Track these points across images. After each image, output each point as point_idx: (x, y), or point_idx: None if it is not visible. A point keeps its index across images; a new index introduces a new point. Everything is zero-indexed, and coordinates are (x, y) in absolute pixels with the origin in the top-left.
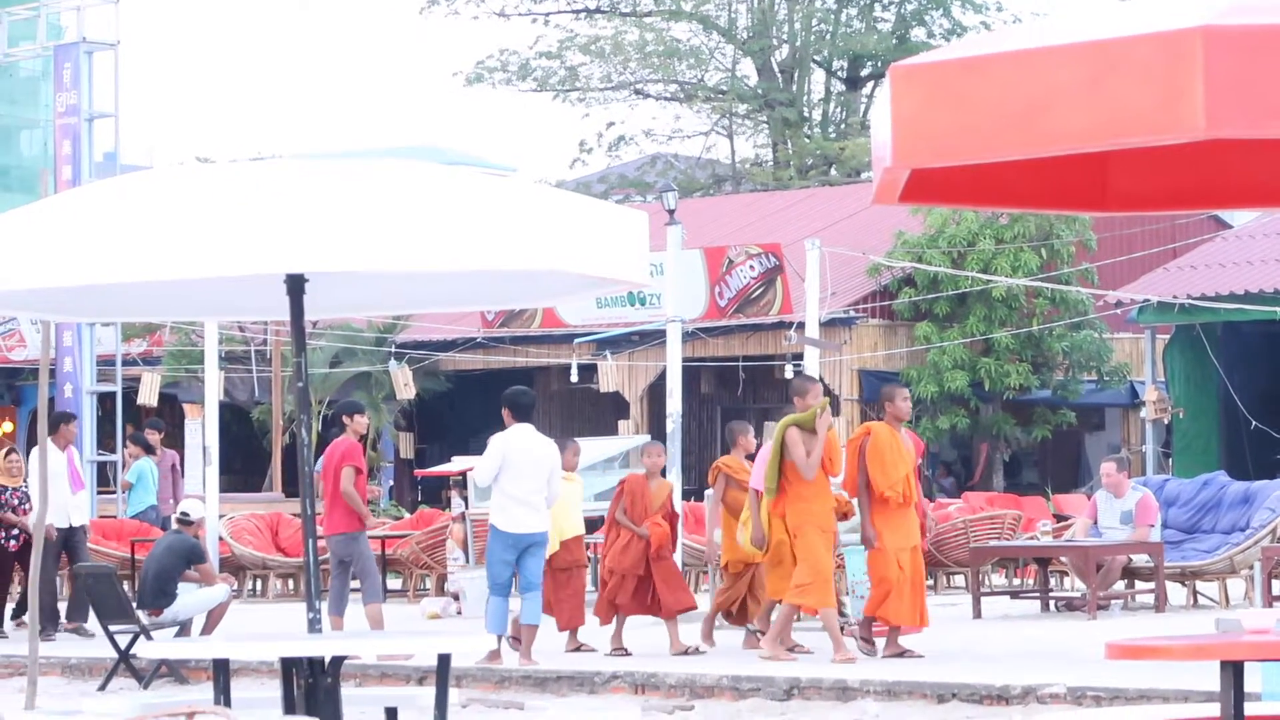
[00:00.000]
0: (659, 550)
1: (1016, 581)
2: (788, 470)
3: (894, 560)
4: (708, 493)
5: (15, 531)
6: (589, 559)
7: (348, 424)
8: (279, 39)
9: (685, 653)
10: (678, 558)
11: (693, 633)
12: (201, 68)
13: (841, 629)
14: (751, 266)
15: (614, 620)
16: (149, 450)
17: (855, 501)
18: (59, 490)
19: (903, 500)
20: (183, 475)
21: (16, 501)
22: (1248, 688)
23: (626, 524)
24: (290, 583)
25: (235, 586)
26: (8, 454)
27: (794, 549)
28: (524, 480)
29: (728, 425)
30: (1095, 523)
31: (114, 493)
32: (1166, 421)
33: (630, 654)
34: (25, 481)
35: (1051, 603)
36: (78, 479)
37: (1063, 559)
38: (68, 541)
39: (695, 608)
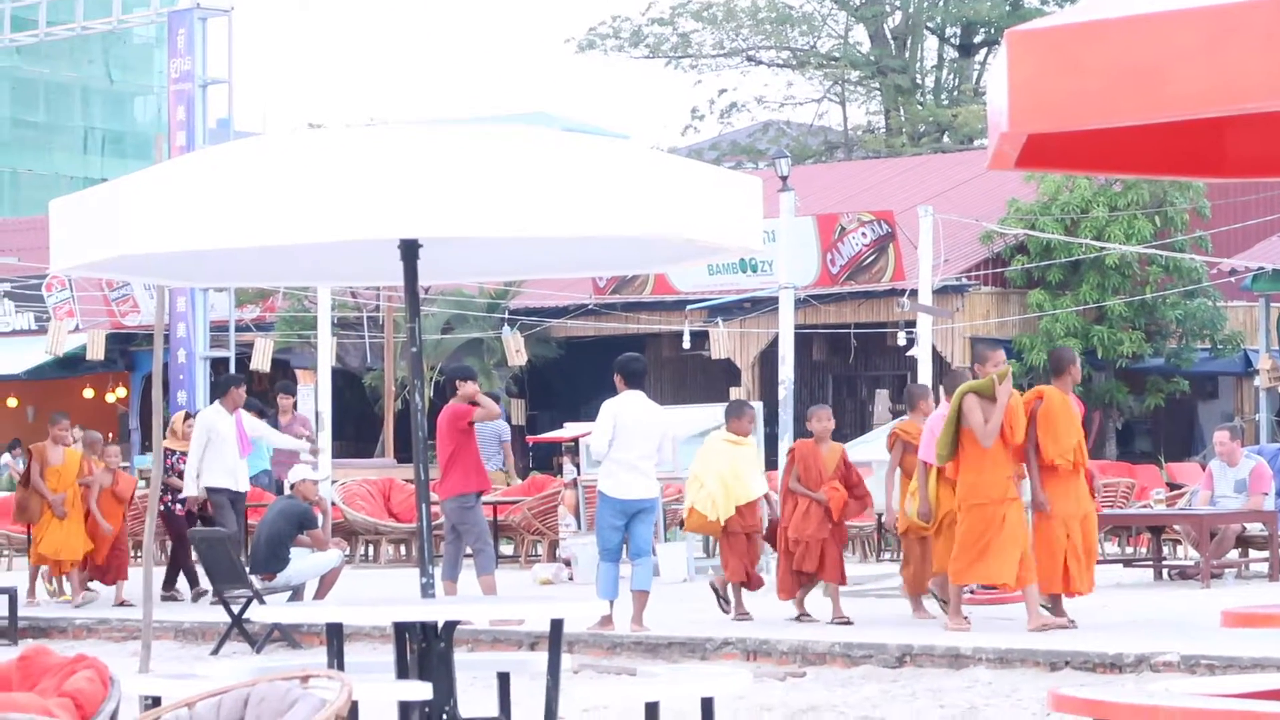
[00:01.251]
0: (840, 515)
1: (1130, 550)
2: (963, 439)
3: (1062, 529)
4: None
5: (183, 496)
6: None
7: (459, 388)
8: (392, 5)
9: (845, 623)
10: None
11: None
12: (315, 33)
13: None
14: (864, 234)
15: (800, 590)
16: (261, 414)
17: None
18: (228, 454)
19: (1072, 468)
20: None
21: (184, 467)
22: None
23: (802, 491)
24: (402, 548)
25: (348, 552)
26: (186, 419)
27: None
28: (635, 446)
29: (906, 389)
30: (1211, 492)
31: None
32: None
33: (815, 620)
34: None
35: (1165, 571)
36: (246, 443)
37: (1176, 527)
38: (235, 505)
39: (844, 581)
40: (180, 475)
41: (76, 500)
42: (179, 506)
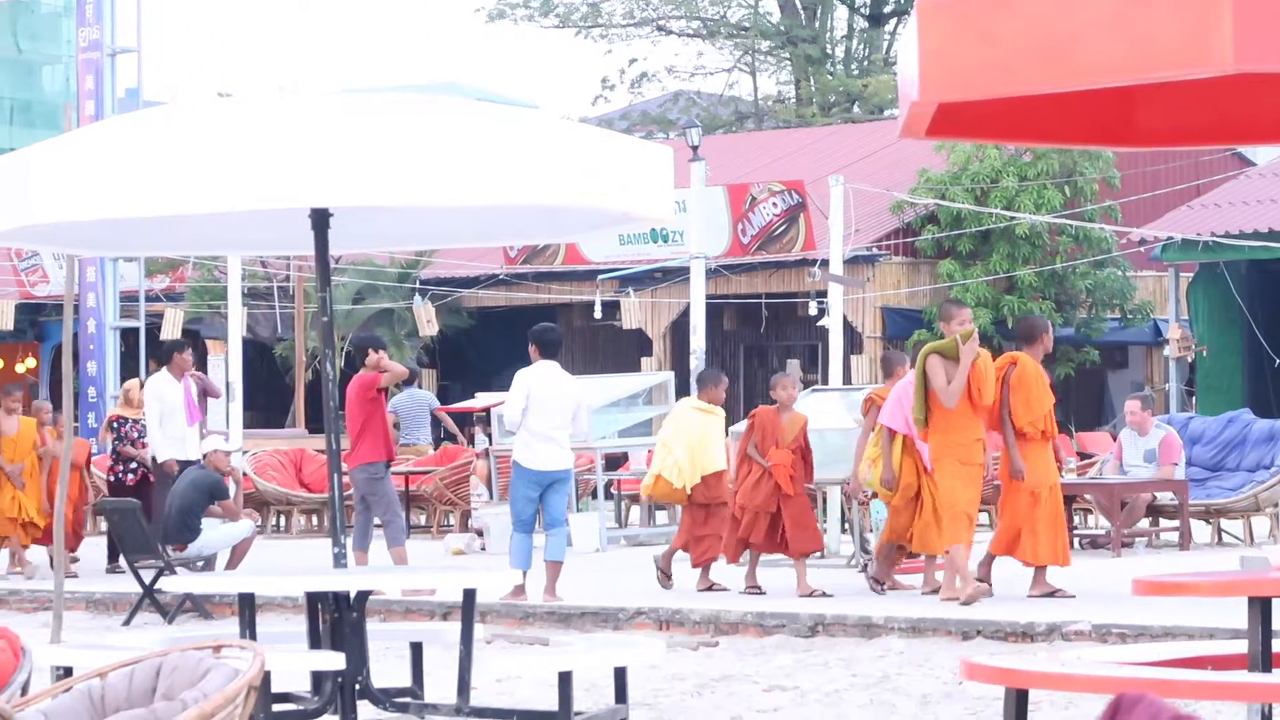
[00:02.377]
0: (789, 486)
1: None
2: (931, 401)
3: (1029, 498)
4: (733, 429)
5: (134, 465)
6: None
7: (368, 358)
8: None
9: (811, 595)
10: None
11: (818, 576)
12: (223, 3)
13: (866, 567)
14: (774, 204)
15: (745, 558)
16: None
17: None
18: (177, 422)
19: (1042, 436)
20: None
21: (136, 435)
22: (1275, 625)
23: (756, 458)
24: (314, 519)
25: (259, 522)
26: (141, 386)
27: (932, 482)
28: (549, 416)
29: (883, 356)
30: (1120, 461)
31: None
32: (1190, 359)
33: (764, 593)
34: (144, 414)
35: (1076, 540)
36: (194, 410)
37: (1087, 496)
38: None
39: (821, 549)
40: (133, 444)
41: (34, 470)
42: (130, 476)
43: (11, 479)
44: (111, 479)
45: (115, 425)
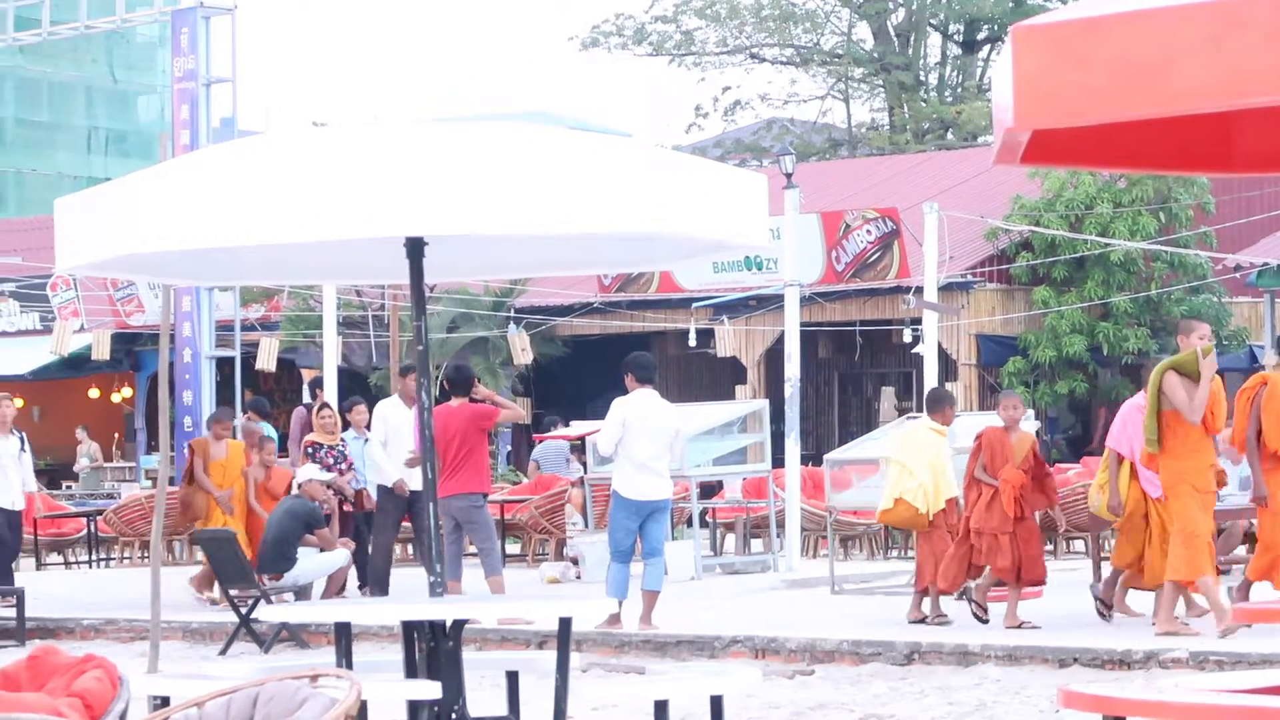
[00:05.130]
0: (1012, 507)
1: None
2: (1165, 423)
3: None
4: (827, 457)
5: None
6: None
7: (475, 389)
8: (395, 3)
9: (1020, 627)
10: (797, 521)
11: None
12: (318, 32)
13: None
14: (868, 231)
15: (964, 584)
16: (265, 415)
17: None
18: (402, 446)
19: None
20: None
21: (332, 460)
22: None
23: (986, 480)
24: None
25: (354, 551)
26: (321, 409)
27: (1161, 509)
28: (647, 445)
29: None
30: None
31: None
32: None
33: (987, 620)
34: (341, 440)
35: None
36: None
37: None
38: (413, 504)
39: (1044, 580)
40: (329, 470)
41: (242, 496)
42: (347, 504)
43: (220, 504)
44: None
45: (310, 451)
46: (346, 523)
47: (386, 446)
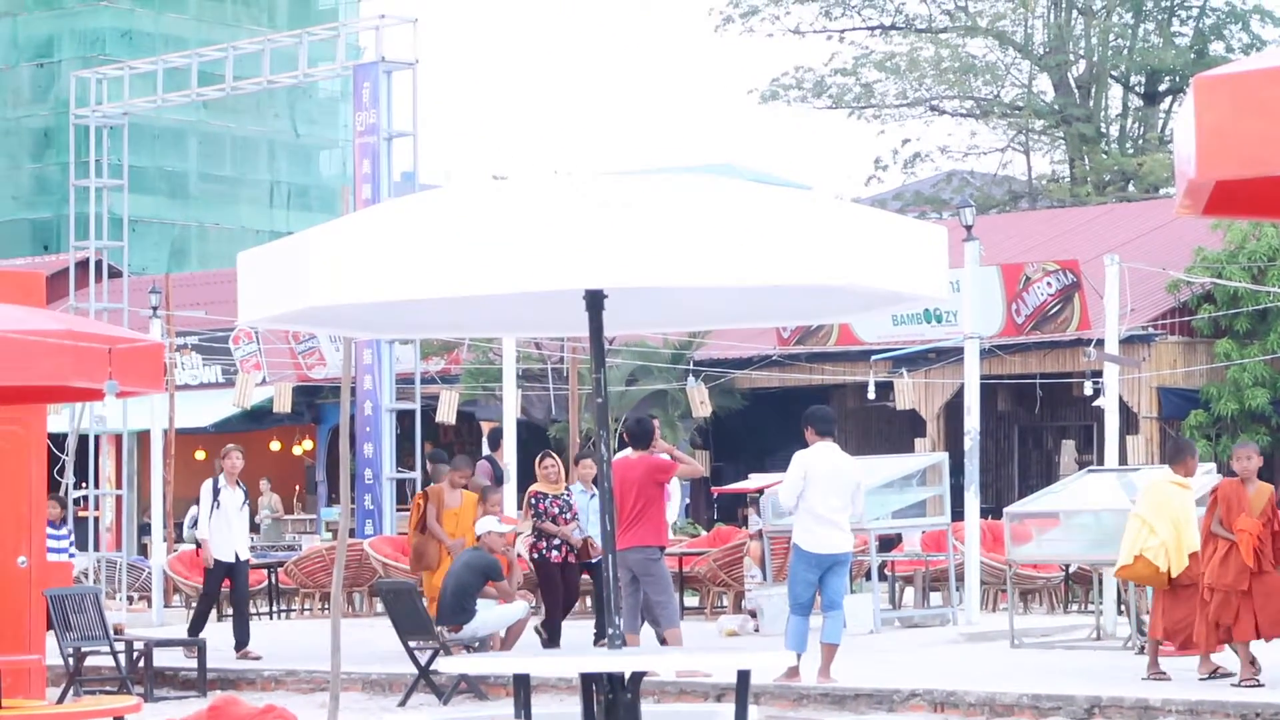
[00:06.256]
0: (1250, 558)
1: None
2: None
3: None
4: (1007, 510)
5: (557, 542)
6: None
7: (654, 443)
8: (575, 58)
9: (1214, 674)
10: (977, 574)
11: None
12: (498, 86)
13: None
14: (1049, 283)
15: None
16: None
17: None
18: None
19: None
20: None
21: (556, 510)
22: None
23: (1223, 534)
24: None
25: (533, 603)
26: (543, 459)
27: None
28: (828, 498)
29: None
30: None
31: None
32: None
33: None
34: (567, 489)
35: None
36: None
37: None
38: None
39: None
40: (554, 520)
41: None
42: (554, 554)
43: (451, 552)
44: (535, 556)
45: (534, 501)
46: (569, 572)
47: None
